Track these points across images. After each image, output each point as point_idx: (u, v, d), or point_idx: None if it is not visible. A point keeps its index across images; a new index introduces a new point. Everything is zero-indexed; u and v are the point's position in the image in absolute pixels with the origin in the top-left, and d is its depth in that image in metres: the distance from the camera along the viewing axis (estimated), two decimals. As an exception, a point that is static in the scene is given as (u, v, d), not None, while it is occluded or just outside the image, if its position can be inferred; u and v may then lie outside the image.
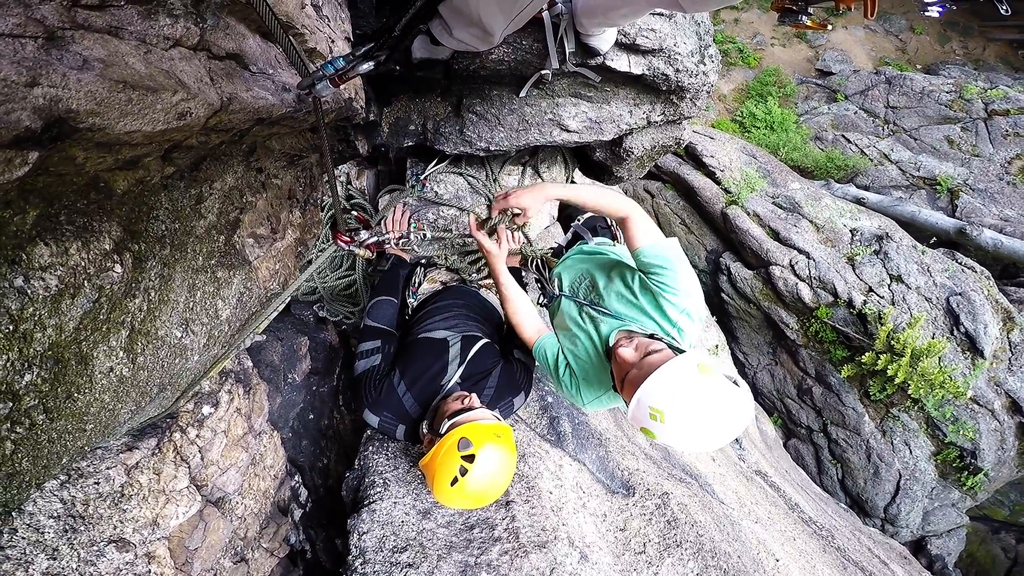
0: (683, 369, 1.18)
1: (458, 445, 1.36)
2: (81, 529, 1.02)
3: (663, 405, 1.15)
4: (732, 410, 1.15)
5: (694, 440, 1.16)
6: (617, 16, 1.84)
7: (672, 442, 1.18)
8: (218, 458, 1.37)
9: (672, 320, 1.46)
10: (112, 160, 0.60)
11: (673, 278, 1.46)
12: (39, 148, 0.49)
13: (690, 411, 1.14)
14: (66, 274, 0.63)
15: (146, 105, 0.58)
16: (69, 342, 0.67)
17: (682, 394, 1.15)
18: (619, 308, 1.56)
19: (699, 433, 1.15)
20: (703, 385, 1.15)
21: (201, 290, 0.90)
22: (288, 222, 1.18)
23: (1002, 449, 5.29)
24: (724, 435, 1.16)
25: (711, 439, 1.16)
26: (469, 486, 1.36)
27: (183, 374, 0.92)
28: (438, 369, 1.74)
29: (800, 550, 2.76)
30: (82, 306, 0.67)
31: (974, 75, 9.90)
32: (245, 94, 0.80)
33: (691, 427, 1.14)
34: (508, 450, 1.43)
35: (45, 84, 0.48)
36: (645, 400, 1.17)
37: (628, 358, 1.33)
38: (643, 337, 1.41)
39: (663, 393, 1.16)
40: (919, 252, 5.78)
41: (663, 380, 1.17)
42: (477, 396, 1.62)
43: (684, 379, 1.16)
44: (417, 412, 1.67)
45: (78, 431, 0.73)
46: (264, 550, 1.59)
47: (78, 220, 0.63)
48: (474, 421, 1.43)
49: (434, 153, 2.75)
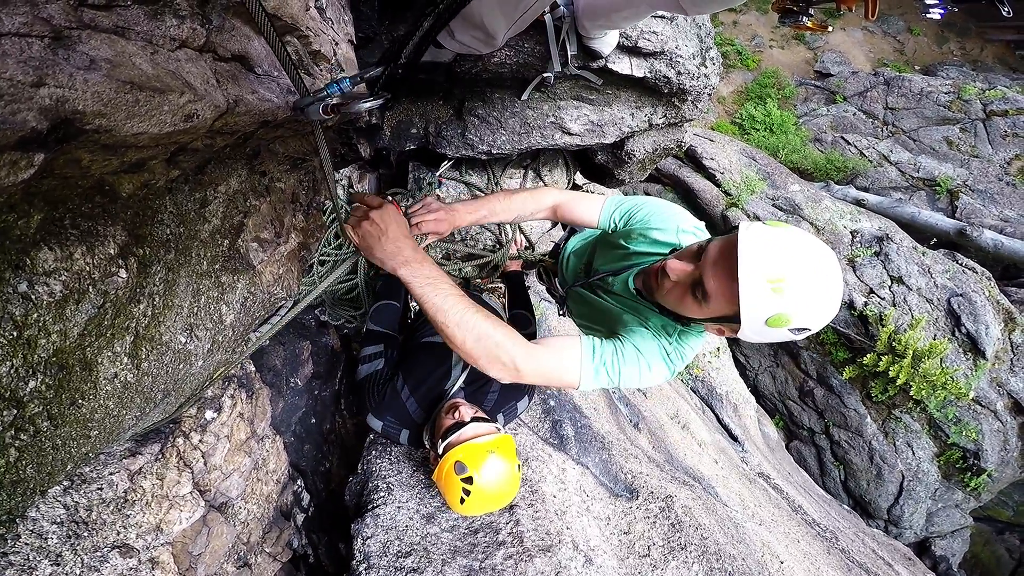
0: (763, 230, 0.96)
1: (455, 469, 1.39)
2: (84, 535, 1.01)
3: (779, 270, 0.91)
4: (823, 246, 0.97)
5: (826, 291, 0.94)
6: (619, 18, 1.84)
7: (808, 308, 0.93)
8: (221, 463, 1.37)
9: (672, 243, 1.31)
10: (118, 163, 0.60)
11: (646, 212, 1.36)
12: (45, 150, 0.48)
13: (805, 259, 0.93)
14: (71, 279, 0.62)
15: (153, 106, 0.57)
16: (74, 348, 0.66)
17: (786, 248, 0.93)
18: (616, 264, 1.44)
19: (824, 276, 0.93)
20: (792, 235, 0.95)
21: (205, 295, 0.90)
22: (291, 226, 1.18)
23: (1005, 450, 5.27)
24: (836, 268, 0.95)
25: (832, 277, 0.94)
26: (477, 502, 1.42)
27: (187, 380, 0.91)
28: (441, 374, 1.73)
29: (804, 552, 2.74)
30: (87, 311, 0.66)
31: (972, 76, 9.93)
32: (251, 96, 0.80)
33: (815, 274, 0.93)
34: (507, 462, 1.45)
35: (52, 84, 0.47)
36: (756, 278, 0.91)
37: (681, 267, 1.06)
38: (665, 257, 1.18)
39: (770, 258, 0.92)
40: (919, 253, 5.78)
41: (759, 248, 0.92)
42: (469, 405, 1.62)
43: (774, 237, 0.94)
44: (421, 417, 1.67)
45: (83, 438, 0.72)
46: (267, 555, 1.58)
47: (83, 224, 0.63)
48: (466, 442, 1.44)
49: (435, 156, 2.76)
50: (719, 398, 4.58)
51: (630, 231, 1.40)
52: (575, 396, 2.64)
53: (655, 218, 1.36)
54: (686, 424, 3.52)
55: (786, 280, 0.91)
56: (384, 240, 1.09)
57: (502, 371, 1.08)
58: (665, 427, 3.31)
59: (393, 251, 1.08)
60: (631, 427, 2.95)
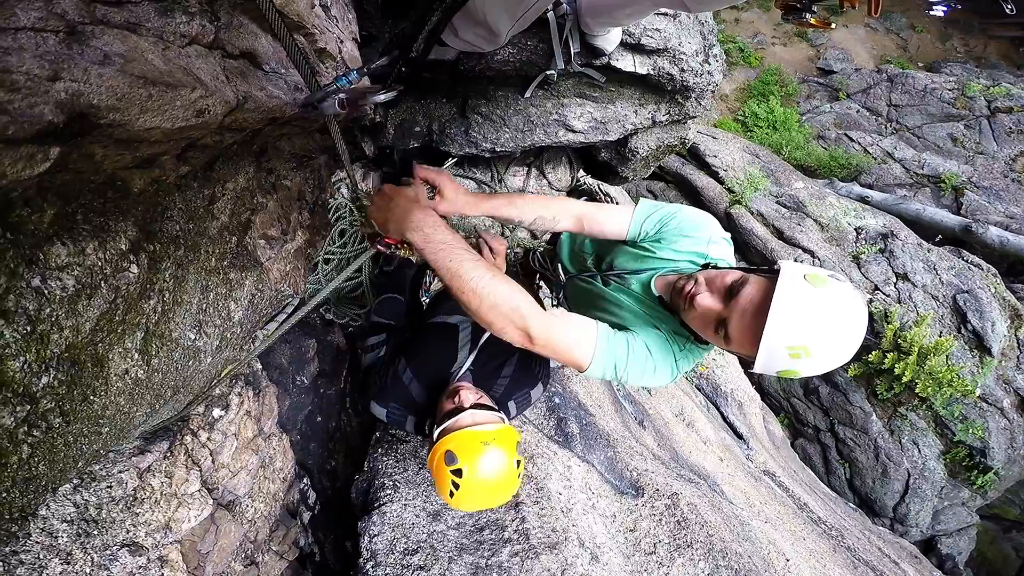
0: (800, 292, 0.99)
1: (444, 459, 1.29)
2: (94, 533, 1.02)
3: (804, 340, 0.98)
4: (860, 306, 1.02)
5: (844, 355, 1.01)
6: (622, 15, 1.84)
7: (820, 369, 1.03)
8: (229, 461, 1.37)
9: (702, 253, 1.32)
10: (130, 158, 0.60)
11: (678, 219, 1.35)
12: (60, 143, 0.49)
13: (833, 330, 0.99)
14: (83, 274, 0.62)
15: (166, 101, 0.58)
16: (85, 344, 0.67)
17: (818, 318, 0.98)
18: (638, 264, 1.41)
19: (847, 345, 1.01)
20: (829, 297, 1.00)
21: (214, 291, 0.90)
22: (298, 223, 1.18)
23: (1012, 447, 5.24)
24: (862, 333, 1.02)
25: (855, 343, 1.02)
26: (467, 496, 1.31)
27: (196, 377, 0.92)
28: (446, 355, 1.64)
29: (810, 550, 2.73)
30: (99, 307, 0.66)
31: (976, 73, 9.87)
32: (259, 93, 0.80)
33: (839, 344, 1.00)
34: (503, 456, 1.31)
35: (67, 78, 0.48)
36: (779, 343, 0.99)
37: (709, 304, 1.10)
38: (703, 272, 1.20)
39: (797, 327, 0.98)
40: (925, 250, 5.75)
41: (790, 314, 0.98)
42: (474, 390, 1.50)
43: (810, 302, 0.99)
44: (425, 400, 1.58)
45: (93, 434, 0.72)
46: (274, 553, 1.59)
47: (95, 219, 0.63)
48: (462, 429, 1.33)
49: (439, 154, 2.76)
50: (724, 396, 4.57)
51: (660, 237, 1.38)
52: (580, 393, 2.63)
53: (687, 226, 1.36)
54: (691, 422, 3.52)
55: (807, 348, 0.98)
56: (394, 207, 1.08)
57: (515, 335, 1.09)
58: (670, 425, 3.30)
59: (401, 215, 1.06)
60: (636, 424, 2.94)
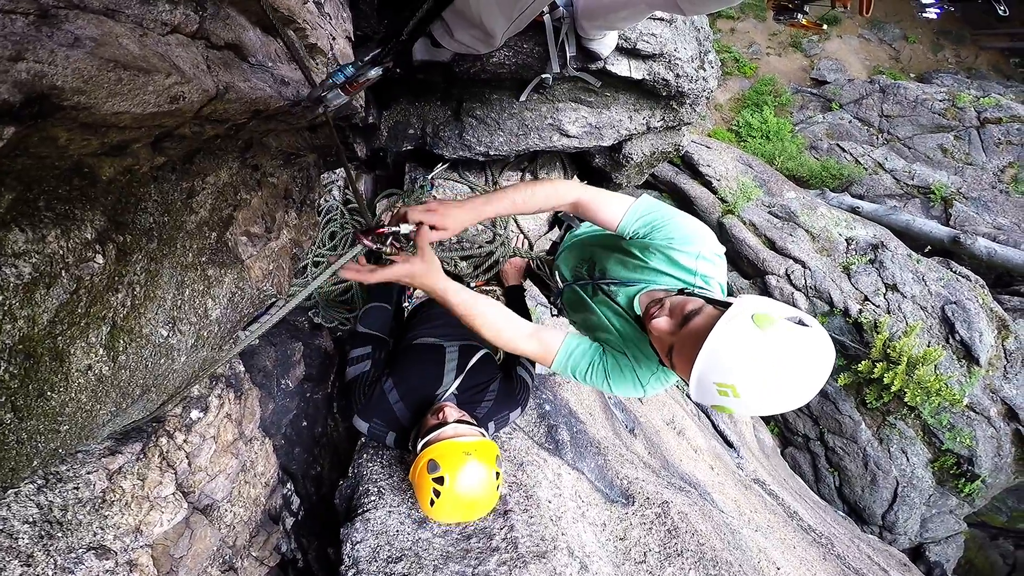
0: (739, 330, 0.96)
1: (427, 467, 1.33)
2: (59, 535, 0.97)
3: (730, 379, 0.94)
4: (812, 357, 0.95)
5: (779, 404, 0.97)
6: (617, 19, 1.84)
7: (754, 412, 1.00)
8: (207, 464, 1.33)
9: (690, 269, 1.29)
10: (98, 144, 0.58)
11: (672, 228, 1.31)
12: (16, 123, 0.47)
13: (765, 376, 0.93)
14: (42, 262, 0.60)
15: (137, 86, 0.56)
16: (43, 336, 0.64)
17: (748, 360, 0.94)
18: (628, 274, 1.40)
19: (784, 395, 0.95)
20: (769, 342, 0.94)
21: (190, 288, 0.87)
22: (283, 222, 1.16)
23: (999, 455, 5.29)
24: (812, 386, 0.96)
25: (799, 396, 0.97)
26: (446, 506, 1.35)
27: (169, 376, 0.88)
28: (432, 377, 1.70)
29: (800, 558, 2.72)
30: (58, 297, 0.63)
31: (967, 83, 10.02)
32: (242, 84, 0.78)
33: (771, 392, 0.95)
34: (484, 467, 1.37)
35: (31, 59, 0.47)
36: (707, 378, 0.97)
37: (664, 328, 1.12)
38: (673, 296, 1.20)
39: (725, 366, 0.95)
40: (914, 261, 5.81)
41: (720, 351, 0.95)
42: (457, 409, 1.57)
43: (745, 342, 0.94)
44: (408, 419, 1.63)
45: (51, 432, 0.69)
46: (254, 559, 1.55)
47: (58, 207, 0.61)
48: (445, 440, 1.38)
49: (432, 157, 2.74)
50: (715, 403, 4.55)
51: (649, 244, 1.35)
52: (571, 401, 2.61)
53: (678, 238, 1.30)
54: (682, 430, 3.51)
55: (735, 388, 0.95)
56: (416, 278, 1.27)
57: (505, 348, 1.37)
58: (661, 433, 3.29)
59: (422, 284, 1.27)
60: (627, 432, 2.93)
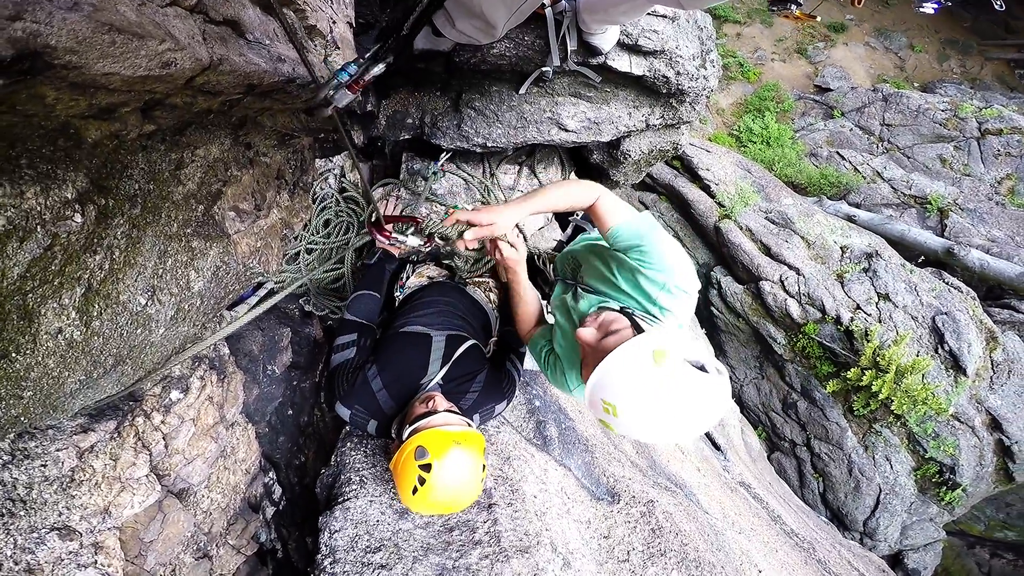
0: (634, 357, 1.03)
1: (415, 454, 1.31)
2: (20, 514, 0.94)
3: (613, 399, 1.02)
4: (696, 401, 1.00)
5: (654, 434, 1.04)
6: (617, 13, 1.82)
7: (630, 435, 1.07)
8: (184, 447, 1.30)
9: (651, 297, 1.30)
10: (86, 104, 0.57)
11: (650, 253, 1.33)
12: (3, 76, 0.48)
13: (643, 406, 1.00)
14: (17, 216, 0.58)
15: (129, 49, 0.56)
16: (12, 292, 0.61)
17: (633, 387, 1.01)
18: (597, 285, 1.45)
19: (659, 427, 1.02)
20: (658, 376, 1.00)
21: (173, 257, 0.85)
22: (274, 202, 1.13)
23: (980, 465, 5.35)
24: (690, 428, 1.03)
25: (674, 433, 1.04)
26: (429, 495, 1.32)
27: (146, 348, 0.86)
28: (418, 366, 1.68)
29: (782, 562, 2.74)
30: (31, 251, 0.61)
31: (970, 94, 10.04)
32: (237, 58, 0.76)
33: (648, 422, 1.01)
34: (471, 457, 1.35)
35: (28, 19, 0.48)
36: (596, 392, 1.05)
37: (586, 339, 1.18)
38: (611, 312, 1.26)
39: (612, 386, 1.02)
40: (907, 271, 5.84)
41: (612, 371, 1.03)
42: (446, 399, 1.56)
43: (635, 370, 1.01)
44: (392, 408, 1.61)
45: (13, 397, 0.66)
46: (230, 547, 1.53)
47: (41, 166, 0.60)
48: (434, 428, 1.36)
49: (430, 148, 2.71)
50: (704, 405, 4.57)
51: (623, 261, 1.36)
52: (561, 397, 2.61)
53: (651, 263, 1.31)
54: (670, 430, 3.51)
55: (615, 408, 1.02)
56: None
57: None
58: (649, 432, 3.29)
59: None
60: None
